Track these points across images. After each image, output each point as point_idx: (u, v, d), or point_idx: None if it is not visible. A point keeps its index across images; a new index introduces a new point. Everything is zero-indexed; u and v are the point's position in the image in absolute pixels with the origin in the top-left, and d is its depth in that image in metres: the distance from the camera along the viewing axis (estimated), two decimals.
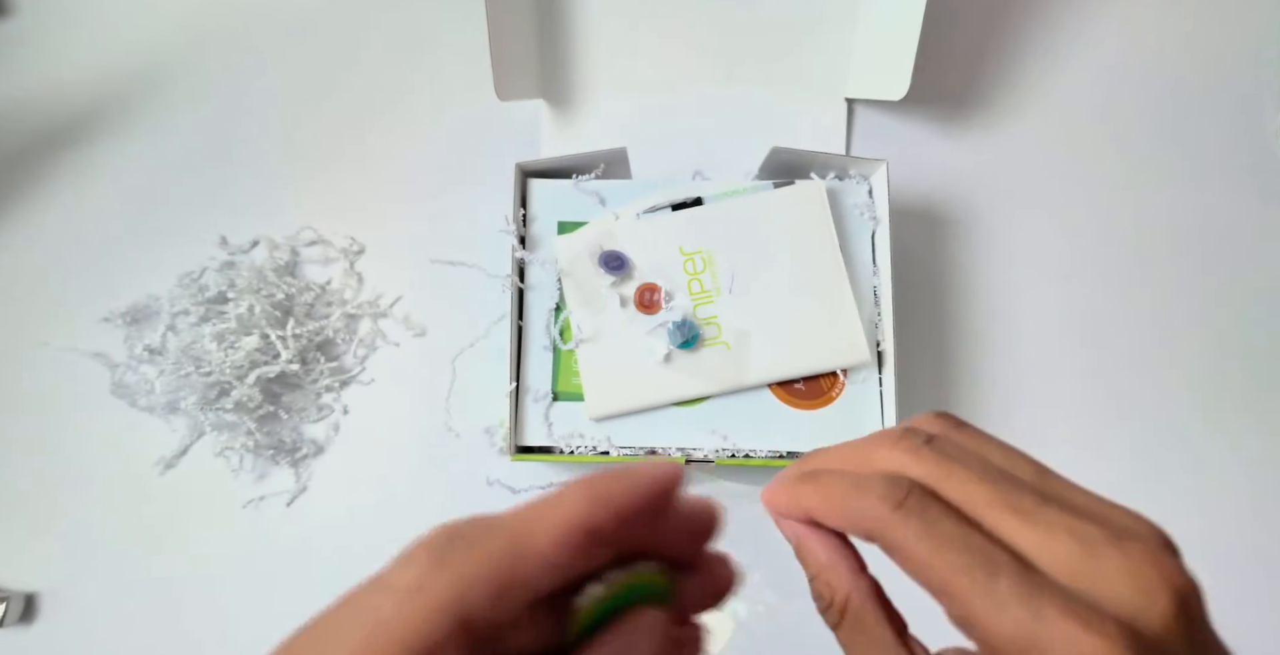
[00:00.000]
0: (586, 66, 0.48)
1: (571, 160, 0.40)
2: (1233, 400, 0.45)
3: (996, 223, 0.47)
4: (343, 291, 0.46)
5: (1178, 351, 0.45)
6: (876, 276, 0.40)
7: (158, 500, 0.44)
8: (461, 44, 0.48)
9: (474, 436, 0.44)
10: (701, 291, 0.39)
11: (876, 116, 0.48)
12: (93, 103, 0.49)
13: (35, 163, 0.48)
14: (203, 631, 0.43)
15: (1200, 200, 0.47)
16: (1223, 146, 0.47)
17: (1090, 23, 0.49)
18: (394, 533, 0.43)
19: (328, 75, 0.49)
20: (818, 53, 0.48)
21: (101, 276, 0.47)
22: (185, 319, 0.45)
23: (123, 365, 0.45)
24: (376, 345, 0.46)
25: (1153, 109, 0.48)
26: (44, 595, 0.43)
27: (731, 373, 0.38)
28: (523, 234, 0.40)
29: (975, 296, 0.46)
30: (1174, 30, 0.49)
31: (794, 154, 0.39)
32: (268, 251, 0.46)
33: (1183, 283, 0.46)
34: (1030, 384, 0.45)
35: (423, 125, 0.48)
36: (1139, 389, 0.45)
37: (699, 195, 0.41)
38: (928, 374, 0.45)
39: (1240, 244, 0.46)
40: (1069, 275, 0.46)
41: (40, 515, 0.44)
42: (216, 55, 0.50)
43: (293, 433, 0.44)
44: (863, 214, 0.40)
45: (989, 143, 0.48)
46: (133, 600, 0.43)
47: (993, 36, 0.49)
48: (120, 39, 0.50)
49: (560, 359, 0.39)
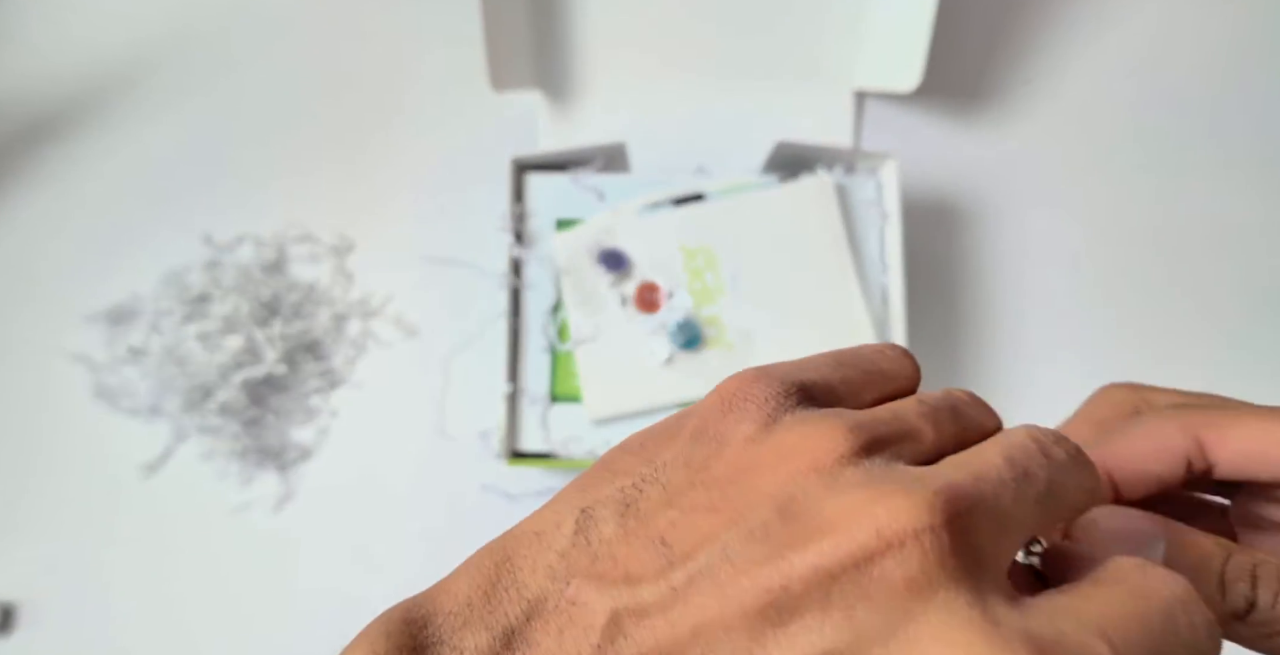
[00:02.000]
0: (585, 57, 0.48)
1: (570, 154, 0.40)
2: (1251, 400, 0.44)
3: (1011, 219, 0.46)
4: (331, 290, 0.45)
5: (1198, 351, 0.45)
6: (886, 275, 0.40)
7: (141, 506, 0.43)
8: (455, 33, 0.47)
9: (468, 441, 0.43)
10: (703, 290, 0.39)
11: (886, 109, 0.47)
12: (74, 98, 0.48)
13: (14, 159, 0.48)
14: (187, 640, 0.42)
15: (1221, 195, 0.46)
16: (1245, 140, 0.47)
17: (1110, 12, 0.49)
18: (384, 540, 0.42)
19: (315, 68, 0.49)
20: (825, 43, 0.47)
21: (82, 275, 0.46)
22: (169, 319, 0.44)
23: (104, 367, 0.44)
24: (367, 346, 0.45)
25: (1172, 102, 0.47)
26: (22, 605, 0.42)
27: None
28: (519, 231, 0.40)
29: (989, 295, 0.45)
30: (1195, 23, 0.48)
31: (800, 148, 0.39)
32: (254, 249, 0.45)
33: (1203, 280, 0.45)
34: (1046, 384, 0.44)
35: (415, 118, 0.48)
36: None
37: (701, 191, 0.40)
38: (940, 374, 0.44)
39: (1261, 240, 0.46)
40: (1086, 273, 0.46)
41: (18, 522, 0.43)
42: (200, 49, 0.49)
43: (280, 436, 0.43)
44: (871, 210, 0.40)
45: (1004, 136, 0.47)
46: (114, 609, 0.42)
47: (1008, 26, 0.48)
48: (103, 33, 0.49)
49: (558, 360, 0.39)
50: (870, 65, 0.46)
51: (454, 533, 0.43)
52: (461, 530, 0.43)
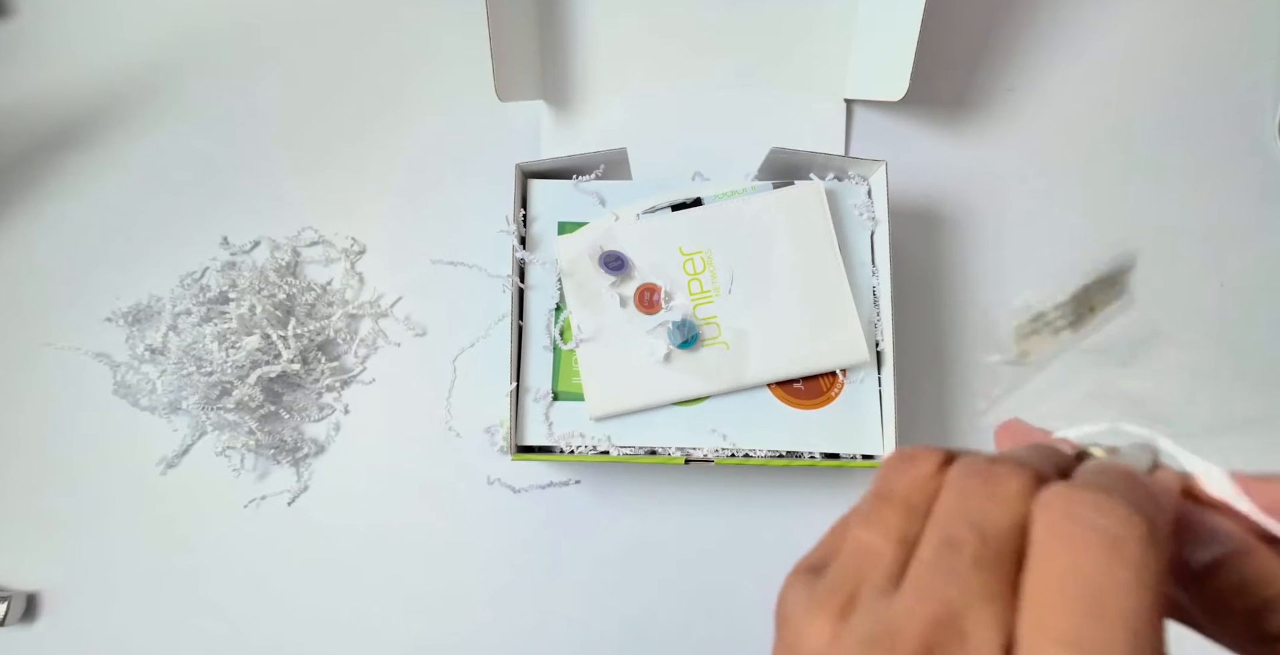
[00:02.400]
0: (587, 67, 0.48)
1: (572, 161, 0.40)
2: (1231, 402, 0.45)
3: (995, 223, 0.47)
4: (344, 291, 0.46)
5: (1176, 353, 0.45)
6: (875, 277, 0.40)
7: (159, 499, 0.44)
8: (462, 45, 0.48)
9: (474, 436, 0.44)
10: (701, 291, 0.39)
11: (875, 117, 0.48)
12: (94, 103, 0.49)
13: (37, 164, 0.49)
14: (204, 630, 0.43)
15: (1199, 200, 0.47)
16: (1222, 146, 0.47)
17: (1089, 23, 0.49)
18: (395, 532, 0.44)
19: (329, 76, 0.50)
20: (817, 53, 0.48)
21: (104, 277, 0.47)
22: (187, 319, 0.45)
23: (124, 365, 0.45)
24: (377, 345, 0.46)
25: (1151, 109, 0.48)
26: (45, 594, 0.43)
27: (731, 372, 0.39)
28: (523, 234, 0.40)
29: (974, 296, 0.46)
30: (1173, 30, 0.49)
31: (793, 155, 0.39)
32: (269, 252, 0.46)
33: (1181, 283, 0.46)
34: (1030, 386, 0.45)
35: (424, 126, 0.49)
36: (1137, 391, 0.45)
37: (699, 196, 0.41)
38: (927, 374, 0.45)
39: (1239, 244, 0.46)
40: (1069, 275, 0.46)
41: (42, 515, 0.44)
42: (218, 56, 0.50)
43: (294, 432, 0.44)
44: (862, 214, 0.41)
45: (988, 143, 0.48)
46: (134, 599, 0.43)
47: (992, 37, 0.49)
48: (121, 40, 0.50)
49: (560, 359, 0.40)
50: (860, 75, 0.47)
51: (462, 524, 0.44)
52: (468, 521, 0.44)
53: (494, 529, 0.44)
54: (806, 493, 0.44)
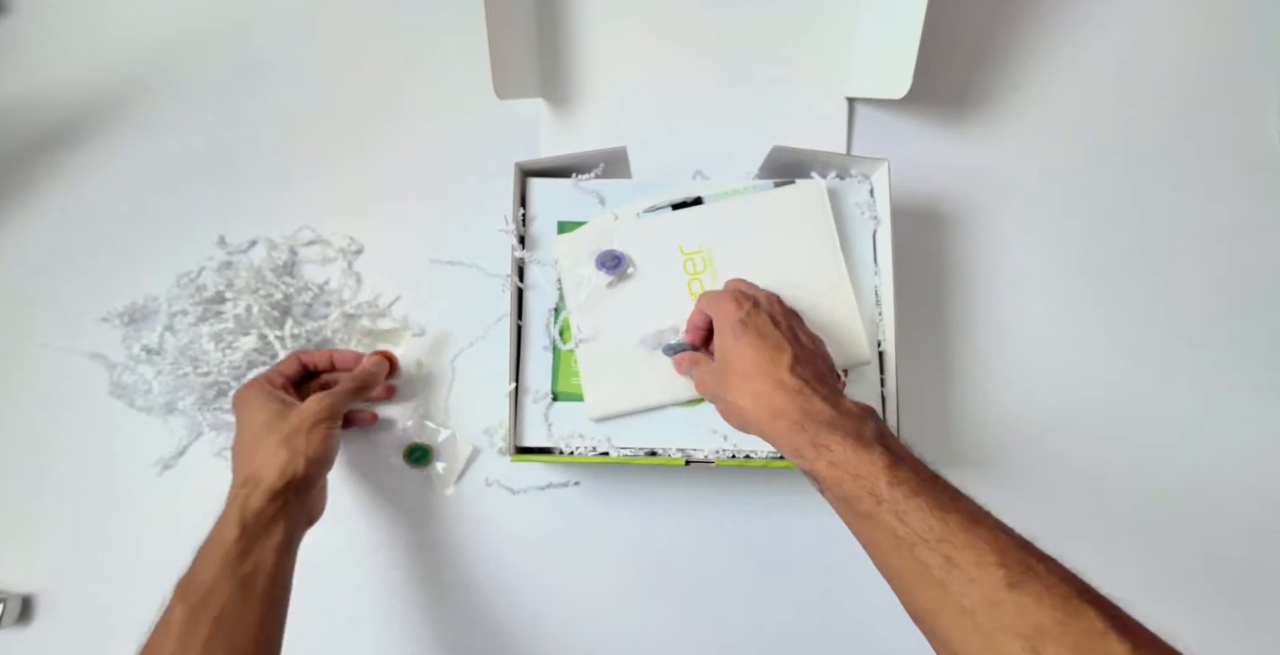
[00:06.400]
0: (586, 66, 0.48)
1: (571, 159, 0.40)
2: (1231, 397, 0.45)
3: (998, 221, 0.46)
4: (341, 291, 0.46)
5: (1178, 350, 0.45)
6: (877, 276, 0.40)
7: (156, 501, 0.44)
8: (461, 43, 0.48)
9: (473, 437, 0.44)
10: (702, 291, 0.39)
11: (878, 115, 0.48)
12: (91, 102, 0.49)
13: (33, 163, 0.48)
14: None
15: (1201, 199, 0.47)
16: (1224, 145, 0.47)
17: (1093, 22, 0.49)
18: (392, 533, 0.43)
19: (327, 75, 0.49)
20: (819, 52, 0.48)
21: (99, 277, 0.46)
22: (183, 319, 0.45)
23: (120, 365, 0.45)
24: (374, 345, 0.45)
25: (1154, 108, 0.48)
26: (41, 596, 0.43)
27: None
28: (522, 233, 0.40)
29: (977, 295, 0.46)
30: (1176, 30, 0.49)
31: (795, 153, 0.39)
32: (266, 251, 0.46)
33: (1183, 281, 0.46)
34: (1031, 383, 0.45)
35: (422, 124, 0.48)
36: (1141, 388, 0.45)
37: (699, 195, 0.41)
38: (929, 372, 0.45)
39: (1241, 242, 0.46)
40: (1070, 274, 0.46)
41: (37, 516, 0.44)
42: (215, 56, 0.50)
43: None
44: (864, 213, 0.40)
45: (991, 141, 0.47)
46: (130, 601, 0.42)
47: (995, 35, 0.49)
48: (119, 39, 0.50)
49: (560, 359, 0.39)
50: (862, 73, 0.47)
51: (460, 524, 0.44)
52: (467, 522, 0.44)
53: (494, 530, 0.43)
54: (806, 493, 0.44)
